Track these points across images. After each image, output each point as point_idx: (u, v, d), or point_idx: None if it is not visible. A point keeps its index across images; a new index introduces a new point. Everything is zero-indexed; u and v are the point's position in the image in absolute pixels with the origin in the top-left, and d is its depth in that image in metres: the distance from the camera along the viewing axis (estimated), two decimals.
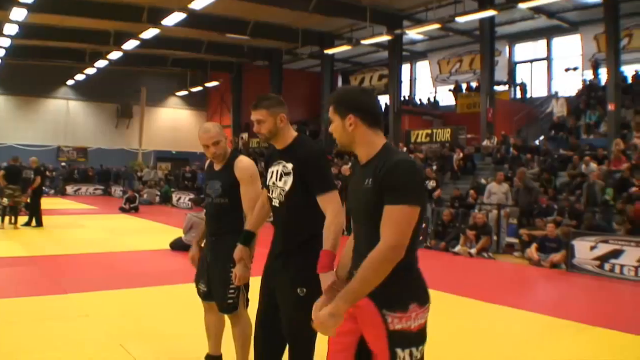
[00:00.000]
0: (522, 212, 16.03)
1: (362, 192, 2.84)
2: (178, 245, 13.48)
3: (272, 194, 4.00)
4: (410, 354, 2.77)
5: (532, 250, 13.72)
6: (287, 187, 3.86)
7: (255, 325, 4.07)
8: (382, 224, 2.69)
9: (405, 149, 25.81)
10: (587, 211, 14.57)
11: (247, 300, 4.74)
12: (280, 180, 3.91)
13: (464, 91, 32.00)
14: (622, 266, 11.98)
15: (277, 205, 3.97)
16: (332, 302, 2.71)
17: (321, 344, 3.47)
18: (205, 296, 4.92)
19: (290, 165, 3.86)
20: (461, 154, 22.93)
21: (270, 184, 4.01)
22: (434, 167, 21.99)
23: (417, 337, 2.79)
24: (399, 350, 2.75)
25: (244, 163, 4.75)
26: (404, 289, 2.78)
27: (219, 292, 4.68)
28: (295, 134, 4.09)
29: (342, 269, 3.17)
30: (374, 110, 3.02)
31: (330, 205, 3.67)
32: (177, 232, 14.61)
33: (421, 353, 2.83)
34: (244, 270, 4.40)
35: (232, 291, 4.61)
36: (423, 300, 2.81)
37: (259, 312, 4.07)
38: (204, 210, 4.95)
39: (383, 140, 2.96)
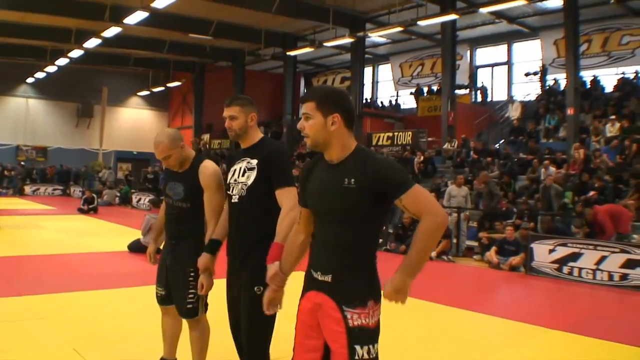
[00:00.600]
0: (485, 216, 16.12)
1: (341, 190, 2.90)
2: (136, 247, 13.30)
3: (232, 192, 4.03)
4: (368, 351, 2.85)
5: (491, 254, 13.79)
6: (249, 182, 3.93)
7: (231, 326, 4.11)
8: (416, 206, 2.82)
9: None
10: (545, 214, 14.69)
11: (206, 304, 4.67)
12: (243, 176, 3.99)
13: (425, 94, 32.14)
14: (580, 269, 12.07)
15: (236, 201, 4.01)
16: (395, 277, 2.80)
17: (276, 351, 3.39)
18: (162, 300, 4.82)
19: (254, 161, 3.96)
20: (422, 157, 23.04)
21: (232, 181, 4.05)
22: None
23: (374, 334, 2.89)
24: (357, 347, 2.84)
25: (209, 170, 4.59)
26: (362, 285, 2.89)
27: (179, 297, 4.60)
28: (261, 135, 4.22)
29: (286, 261, 3.30)
30: (353, 112, 3.12)
31: (287, 199, 3.79)
32: (136, 234, 14.43)
33: (376, 350, 2.90)
34: (209, 280, 4.36)
35: (191, 296, 4.52)
36: (378, 296, 2.91)
37: (230, 313, 4.12)
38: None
39: (354, 142, 3.04)
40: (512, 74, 31.31)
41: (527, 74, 29.35)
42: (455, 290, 10.93)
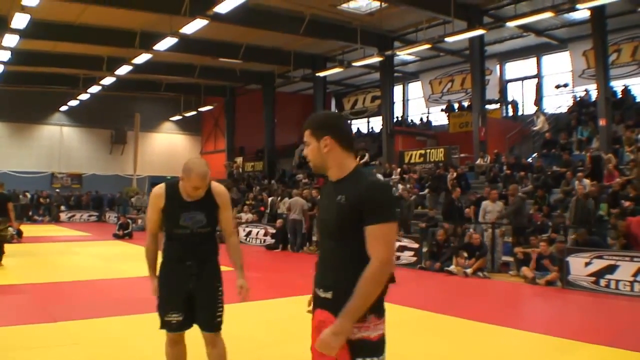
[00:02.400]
0: (515, 231, 15.96)
1: (335, 205, 3.06)
2: None
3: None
4: None
5: (527, 269, 13.62)
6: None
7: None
8: (370, 243, 2.90)
9: (398, 169, 25.73)
10: (579, 227, 14.46)
11: None
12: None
13: (456, 110, 31.98)
14: (617, 281, 11.87)
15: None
16: (337, 323, 2.89)
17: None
18: (180, 326, 4.82)
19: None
20: (454, 174, 22.86)
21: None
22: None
23: (377, 347, 2.99)
24: None
25: (221, 188, 4.87)
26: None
27: (209, 313, 4.74)
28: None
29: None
30: (348, 133, 3.27)
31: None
32: None
33: None
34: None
35: (220, 309, 4.77)
36: (380, 312, 3.02)
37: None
38: (166, 240, 4.88)
39: (354, 162, 3.21)
40: (542, 86, 31.04)
41: (557, 86, 29.11)
42: (492, 307, 10.80)
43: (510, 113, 31.51)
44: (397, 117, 35.31)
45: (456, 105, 32.61)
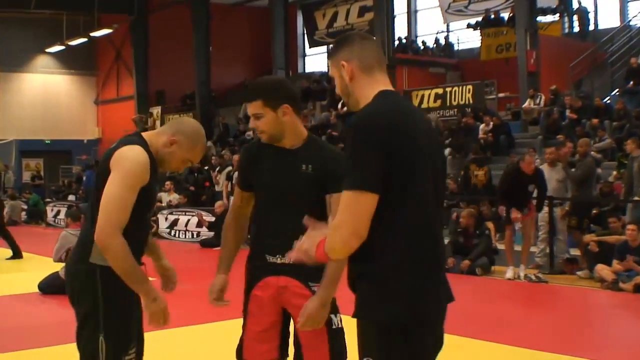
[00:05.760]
0: (578, 208, 15.98)
1: (299, 176, 4.54)
2: (52, 285, 13.04)
3: None
4: (340, 320, 4.67)
5: (604, 267, 13.65)
6: None
7: None
8: (335, 211, 3.69)
9: None
10: None
11: None
12: None
13: (490, 27, 31.90)
14: None
15: None
16: (317, 294, 4.44)
17: None
18: None
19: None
20: (491, 124, 22.92)
21: None
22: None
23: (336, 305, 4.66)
24: (332, 316, 4.58)
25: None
26: (323, 266, 4.36)
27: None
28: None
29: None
30: (299, 98, 4.69)
31: None
32: (51, 265, 14.39)
33: None
34: None
35: None
36: None
37: None
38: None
39: (305, 129, 4.68)
40: None
41: None
42: (555, 327, 10.77)
43: (576, 28, 31.57)
44: (400, 39, 35.34)
45: (492, 17, 32.54)
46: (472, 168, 20.16)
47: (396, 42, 32.19)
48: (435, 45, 36.26)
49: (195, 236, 22.65)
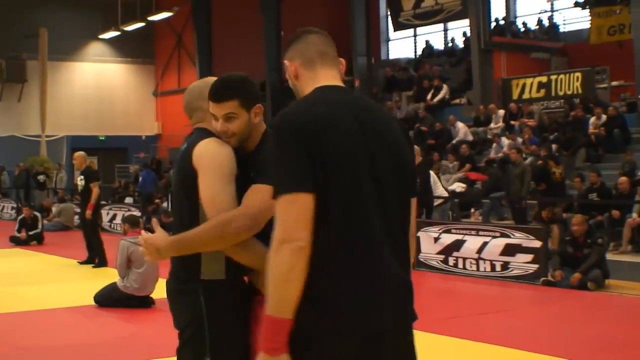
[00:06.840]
0: None
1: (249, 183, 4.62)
2: (108, 299, 13.46)
3: None
4: None
5: None
6: None
7: None
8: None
9: (501, 112, 25.77)
10: None
11: None
12: None
13: (601, 5, 31.80)
14: None
15: None
16: (169, 239, 4.59)
17: None
18: None
19: None
20: (603, 116, 22.84)
21: None
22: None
23: None
24: None
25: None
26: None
27: None
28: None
29: None
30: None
31: None
32: (109, 275, 14.73)
33: None
34: None
35: None
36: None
37: None
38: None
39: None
40: None
41: None
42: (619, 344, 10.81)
43: None
44: (497, 20, 35.19)
45: None
46: (550, 164, 20.27)
47: (493, 24, 32.17)
48: (537, 26, 36.08)
49: None
